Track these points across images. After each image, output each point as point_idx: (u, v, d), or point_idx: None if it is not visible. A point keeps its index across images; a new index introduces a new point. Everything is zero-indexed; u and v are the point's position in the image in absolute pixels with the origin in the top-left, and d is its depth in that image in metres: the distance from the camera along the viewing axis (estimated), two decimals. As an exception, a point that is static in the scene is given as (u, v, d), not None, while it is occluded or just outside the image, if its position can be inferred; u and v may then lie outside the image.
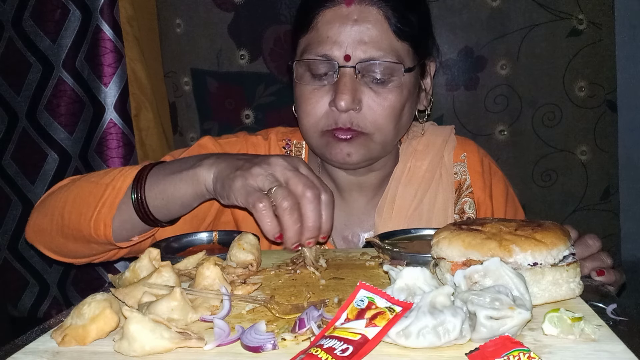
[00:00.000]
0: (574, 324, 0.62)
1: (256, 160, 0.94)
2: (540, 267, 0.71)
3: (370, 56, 1.09)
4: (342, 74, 1.10)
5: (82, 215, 1.04)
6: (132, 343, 0.62)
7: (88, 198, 1.05)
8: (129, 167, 1.08)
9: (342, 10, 1.11)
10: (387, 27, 1.11)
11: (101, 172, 1.11)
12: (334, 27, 1.11)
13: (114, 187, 1.03)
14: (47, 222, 1.11)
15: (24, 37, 1.74)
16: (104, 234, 1.03)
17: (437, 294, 0.63)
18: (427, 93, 1.25)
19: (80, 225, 1.05)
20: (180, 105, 2.06)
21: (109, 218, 1.02)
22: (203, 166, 0.98)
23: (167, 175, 1.01)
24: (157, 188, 1.01)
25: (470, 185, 1.28)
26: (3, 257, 1.88)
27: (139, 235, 1.07)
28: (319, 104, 1.13)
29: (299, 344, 0.63)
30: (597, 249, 0.97)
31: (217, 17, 1.99)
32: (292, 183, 0.91)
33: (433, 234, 0.80)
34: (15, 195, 1.83)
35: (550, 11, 1.88)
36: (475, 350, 0.58)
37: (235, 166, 0.95)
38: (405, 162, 1.27)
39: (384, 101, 1.11)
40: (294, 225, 0.89)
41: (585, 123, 1.93)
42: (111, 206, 1.02)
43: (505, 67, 1.92)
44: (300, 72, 1.15)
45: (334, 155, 1.14)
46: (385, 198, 1.24)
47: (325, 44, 1.11)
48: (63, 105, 1.75)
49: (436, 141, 1.30)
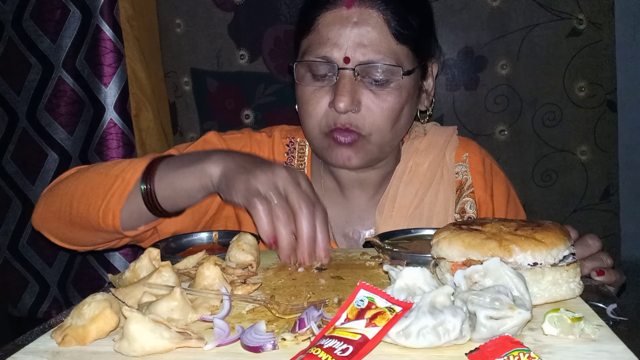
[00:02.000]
0: (574, 324, 0.62)
1: (262, 166, 0.96)
2: (540, 267, 0.71)
3: (369, 59, 1.10)
4: (342, 76, 1.11)
5: (90, 205, 1.06)
6: (132, 343, 0.62)
7: (97, 189, 1.07)
8: (138, 159, 1.10)
9: (343, 12, 1.12)
10: (387, 31, 1.12)
11: (109, 163, 1.14)
12: (334, 29, 1.12)
13: (123, 178, 1.05)
14: (54, 211, 1.13)
15: (24, 37, 1.74)
16: (112, 223, 1.05)
17: (437, 294, 0.63)
18: (428, 94, 1.26)
19: (88, 215, 1.07)
20: (180, 105, 2.06)
21: (118, 209, 1.04)
22: (211, 161, 1.00)
23: (177, 168, 1.03)
24: (166, 180, 1.03)
25: (471, 185, 1.28)
26: (3, 257, 1.88)
27: (145, 225, 1.09)
28: (319, 105, 1.14)
29: (299, 344, 0.63)
30: (597, 249, 0.97)
31: (217, 17, 1.99)
32: (291, 196, 0.92)
33: (433, 234, 0.80)
34: (15, 195, 1.83)
35: (550, 11, 1.88)
36: (475, 350, 0.58)
37: (242, 166, 0.96)
38: (406, 161, 1.28)
39: (383, 103, 1.12)
40: (288, 236, 0.91)
41: (585, 123, 1.93)
42: (120, 197, 1.04)
43: (506, 67, 1.92)
44: (301, 73, 1.17)
45: (334, 158, 1.16)
46: (387, 196, 1.24)
47: (325, 46, 1.12)
48: (63, 105, 1.75)
49: (438, 141, 1.30)
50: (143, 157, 1.13)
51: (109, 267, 1.80)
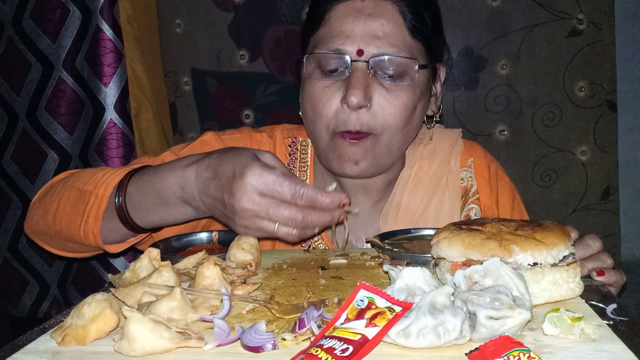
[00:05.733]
0: (574, 324, 0.62)
1: (228, 207, 0.90)
2: (540, 267, 0.71)
3: (383, 52, 1.06)
4: (354, 69, 1.06)
5: (71, 222, 1.03)
6: (132, 343, 0.62)
7: (77, 205, 1.03)
8: (114, 170, 1.05)
9: (356, 4, 1.09)
10: (402, 24, 1.08)
11: (87, 173, 1.08)
12: (348, 21, 1.08)
13: (97, 195, 1.01)
14: (42, 224, 1.10)
15: (24, 37, 1.74)
16: (95, 242, 1.02)
17: (437, 294, 0.63)
18: (437, 98, 1.23)
19: (70, 232, 1.04)
20: (180, 105, 2.06)
21: (96, 229, 1.01)
22: (190, 204, 0.96)
23: (153, 200, 0.98)
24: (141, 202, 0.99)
25: (476, 191, 1.26)
26: (3, 257, 1.88)
27: (133, 238, 1.06)
28: (330, 103, 1.09)
29: (299, 344, 0.63)
30: (597, 249, 0.97)
31: (217, 17, 1.99)
32: (280, 192, 0.89)
33: (433, 234, 0.80)
34: (15, 195, 1.83)
35: (550, 11, 1.88)
36: (475, 350, 0.58)
37: (216, 208, 0.94)
38: (411, 166, 1.24)
39: (396, 100, 1.08)
40: (311, 230, 0.92)
41: (585, 123, 1.93)
42: (96, 217, 1.01)
43: (506, 67, 1.92)
44: (310, 69, 1.11)
45: (340, 161, 1.11)
46: (391, 203, 1.21)
47: (337, 39, 1.08)
48: (63, 105, 1.75)
49: (443, 146, 1.27)
50: (119, 168, 1.07)
51: (109, 267, 1.80)
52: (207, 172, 0.93)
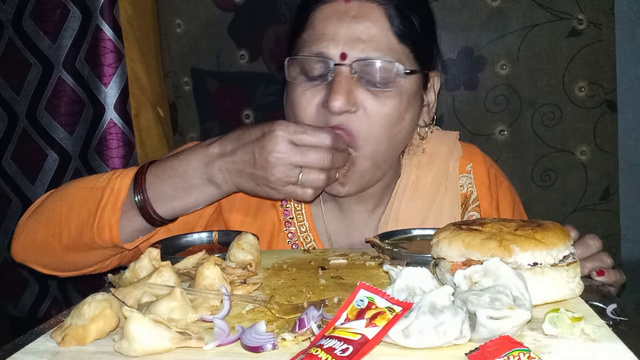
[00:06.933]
0: (574, 324, 0.62)
1: (259, 163, 0.95)
2: (540, 267, 0.71)
3: (367, 55, 1.01)
4: (337, 73, 1.01)
5: (83, 222, 1.02)
6: (132, 343, 0.62)
7: (87, 204, 1.02)
8: (120, 170, 1.06)
9: (340, 6, 1.04)
10: (388, 27, 1.03)
11: (87, 177, 1.09)
12: (331, 24, 1.03)
13: (112, 189, 1.01)
14: (41, 236, 1.07)
15: (24, 37, 1.74)
16: (110, 237, 1.00)
17: (437, 294, 0.63)
18: (429, 109, 1.17)
19: (81, 233, 1.02)
20: (180, 105, 2.06)
21: (114, 221, 1.00)
22: (214, 180, 0.99)
23: (175, 185, 1.00)
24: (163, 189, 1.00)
25: (476, 198, 1.22)
26: (3, 257, 1.88)
27: (144, 235, 1.06)
28: (310, 106, 1.04)
29: (299, 344, 0.63)
30: (597, 249, 0.97)
31: (217, 17, 1.99)
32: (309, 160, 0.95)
33: (433, 234, 0.80)
34: (15, 195, 1.83)
35: (550, 11, 1.88)
36: (475, 350, 0.58)
37: (244, 174, 0.97)
38: (408, 174, 1.20)
39: (382, 107, 1.03)
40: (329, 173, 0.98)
41: (585, 123, 1.93)
42: (113, 209, 1.00)
43: (505, 67, 1.92)
44: (293, 73, 1.07)
45: None
46: (389, 214, 1.18)
47: (320, 42, 1.03)
48: (63, 105, 1.75)
49: (441, 151, 1.23)
50: (123, 169, 1.07)
51: (109, 267, 1.80)
52: (232, 144, 0.98)
